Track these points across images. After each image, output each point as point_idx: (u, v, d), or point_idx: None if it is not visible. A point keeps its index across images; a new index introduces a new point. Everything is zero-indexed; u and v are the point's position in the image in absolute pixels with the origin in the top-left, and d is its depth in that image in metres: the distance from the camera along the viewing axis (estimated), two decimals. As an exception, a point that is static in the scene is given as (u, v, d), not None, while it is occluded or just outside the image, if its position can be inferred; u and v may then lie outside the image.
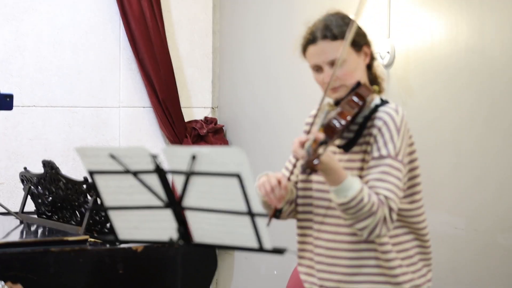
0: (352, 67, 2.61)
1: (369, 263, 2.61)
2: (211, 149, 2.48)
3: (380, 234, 2.50)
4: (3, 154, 4.76)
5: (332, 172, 2.47)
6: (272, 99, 5.08)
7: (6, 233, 3.51)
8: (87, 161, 2.66)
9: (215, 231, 2.59)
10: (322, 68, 2.62)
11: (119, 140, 5.26)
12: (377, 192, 2.50)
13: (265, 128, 5.13)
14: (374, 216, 2.48)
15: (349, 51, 2.60)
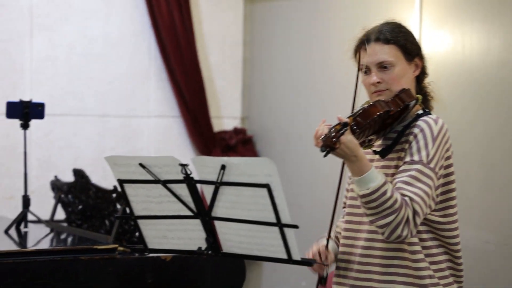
0: (400, 73, 2.61)
1: (399, 271, 2.59)
2: (241, 160, 2.48)
3: (401, 235, 2.48)
4: (35, 163, 4.80)
5: (354, 159, 2.46)
6: (302, 109, 5.07)
7: (37, 241, 3.53)
8: (117, 170, 2.68)
9: (244, 242, 2.59)
10: (370, 70, 2.63)
11: (148, 149, 5.28)
12: (402, 193, 2.49)
13: (295, 138, 5.13)
14: (397, 214, 2.45)
15: (399, 57, 2.62)
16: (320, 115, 4.82)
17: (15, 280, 2.95)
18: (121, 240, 3.34)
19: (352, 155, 2.46)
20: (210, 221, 2.61)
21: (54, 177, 3.91)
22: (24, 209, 3.62)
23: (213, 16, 5.49)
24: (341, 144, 2.43)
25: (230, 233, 2.59)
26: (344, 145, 2.43)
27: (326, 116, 2.60)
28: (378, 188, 2.45)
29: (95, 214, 3.56)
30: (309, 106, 5.00)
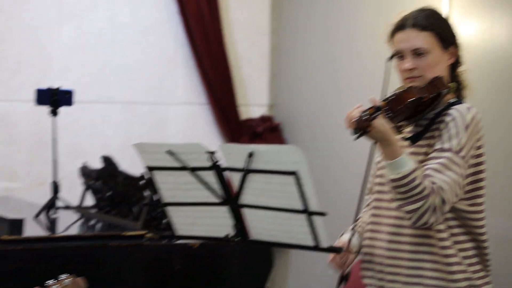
0: (434, 60, 2.61)
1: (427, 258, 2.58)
2: (268, 147, 2.48)
3: (428, 222, 2.47)
4: (63, 150, 4.83)
5: (386, 143, 2.46)
6: (330, 96, 5.06)
7: (66, 227, 3.56)
8: (145, 157, 2.69)
9: (272, 229, 2.59)
10: (405, 56, 2.62)
11: (176, 137, 5.30)
12: (432, 181, 2.48)
13: (323, 126, 5.12)
14: (425, 201, 2.45)
15: (435, 45, 2.61)
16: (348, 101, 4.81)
17: (44, 265, 2.98)
18: (149, 227, 3.36)
19: (384, 139, 2.46)
20: (237, 208, 2.62)
21: (82, 164, 3.94)
22: (54, 195, 3.66)
23: (240, 3, 5.49)
24: (374, 128, 2.43)
25: (257, 220, 2.60)
26: (377, 128, 2.44)
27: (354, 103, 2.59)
28: (408, 173, 2.45)
29: (123, 200, 3.58)
30: (337, 93, 4.98)
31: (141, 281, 3.17)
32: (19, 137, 4.96)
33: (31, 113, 4.82)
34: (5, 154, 4.91)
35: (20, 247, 2.95)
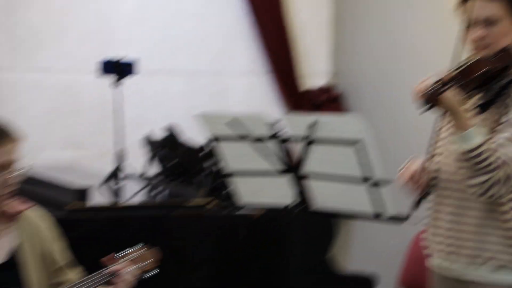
0: (504, 30, 2.56)
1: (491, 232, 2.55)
2: (331, 117, 2.47)
3: (493, 195, 2.44)
4: (127, 120, 4.88)
5: (456, 116, 2.44)
6: (393, 65, 5.00)
7: (130, 196, 3.61)
8: (208, 127, 2.71)
9: (334, 199, 2.59)
10: (475, 24, 2.58)
11: (238, 106, 5.30)
12: (500, 154, 2.45)
13: (385, 95, 5.07)
14: (492, 174, 2.43)
15: (506, 14, 2.55)
16: (411, 70, 4.75)
17: (110, 234, 3.03)
18: (212, 196, 3.38)
19: (454, 111, 2.43)
20: (300, 178, 2.62)
21: (146, 134, 3.98)
22: (118, 164, 3.71)
23: (302, -28, 5.44)
24: (443, 101, 2.40)
25: (320, 189, 2.59)
26: (446, 101, 2.41)
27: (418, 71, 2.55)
28: (477, 146, 2.42)
29: (187, 170, 3.61)
30: (400, 61, 4.92)
31: (204, 250, 3.20)
32: (84, 108, 5.03)
33: (95, 84, 4.88)
34: (71, 124, 4.98)
35: (86, 216, 3.00)
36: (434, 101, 2.40)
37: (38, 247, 2.46)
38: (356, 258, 5.25)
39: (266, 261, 3.25)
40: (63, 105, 4.99)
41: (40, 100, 4.93)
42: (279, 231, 3.26)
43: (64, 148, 4.95)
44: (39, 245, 2.46)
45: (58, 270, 2.49)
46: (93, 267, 2.54)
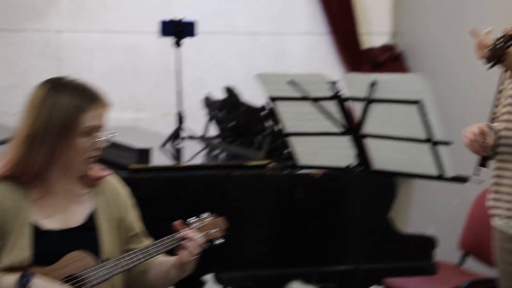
0: None
1: None
2: (391, 76, 2.45)
3: None
4: (187, 81, 4.90)
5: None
6: (455, 23, 4.91)
7: (191, 157, 3.64)
8: (267, 87, 2.71)
9: (395, 159, 2.57)
10: None
11: (297, 67, 5.28)
12: None
13: (447, 54, 4.99)
14: None
15: None
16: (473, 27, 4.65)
17: (171, 194, 3.07)
18: (271, 157, 3.39)
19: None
20: (360, 138, 2.61)
21: (206, 95, 3.99)
22: (179, 125, 3.74)
23: None
24: (510, 56, 2.35)
25: (380, 150, 2.58)
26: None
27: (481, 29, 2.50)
28: None
29: (246, 131, 3.62)
30: (462, 19, 4.83)
31: (263, 210, 3.22)
32: (144, 69, 5.07)
33: (155, 45, 4.91)
34: (132, 85, 5.03)
35: (148, 176, 3.04)
36: (499, 56, 2.35)
37: (116, 213, 2.50)
38: (416, 218, 5.23)
39: (326, 222, 3.25)
40: (125, 66, 5.03)
41: (102, 61, 4.98)
42: (339, 191, 3.25)
43: (125, 109, 5.01)
44: (117, 211, 2.51)
45: (134, 236, 2.53)
46: (155, 226, 2.57)
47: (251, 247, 3.16)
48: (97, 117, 2.40)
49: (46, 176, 2.40)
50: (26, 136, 2.36)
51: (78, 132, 2.37)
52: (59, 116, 2.36)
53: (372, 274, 3.29)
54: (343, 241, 3.25)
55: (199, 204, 3.08)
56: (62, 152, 2.37)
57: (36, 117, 2.37)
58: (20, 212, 2.37)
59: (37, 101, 2.39)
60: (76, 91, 2.40)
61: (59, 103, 2.37)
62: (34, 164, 2.36)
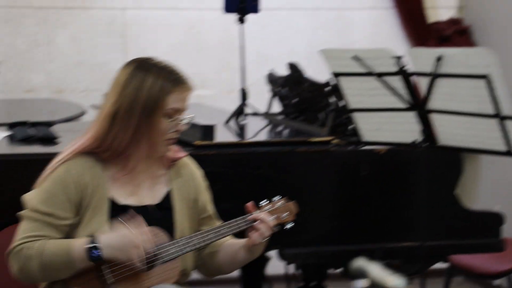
0: None
1: None
2: (458, 50, 2.41)
3: None
4: (251, 57, 4.91)
5: None
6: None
7: (255, 133, 3.65)
8: (331, 63, 2.69)
9: (461, 134, 2.54)
10: None
11: (361, 42, 5.24)
12: None
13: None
14: None
15: None
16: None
17: (235, 170, 3.08)
18: (335, 133, 3.38)
19: None
20: (425, 114, 2.58)
21: (269, 71, 3.99)
22: (242, 102, 3.74)
23: None
24: None
25: (446, 125, 2.55)
26: None
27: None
28: None
29: (310, 107, 3.61)
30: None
31: (328, 186, 3.22)
32: (208, 45, 5.09)
33: (220, 21, 4.92)
34: (196, 62, 5.06)
35: (213, 152, 3.06)
36: None
37: (191, 194, 2.53)
38: (483, 195, 5.16)
39: (390, 198, 3.23)
40: (189, 43, 5.06)
41: (166, 39, 5.02)
42: (404, 167, 3.22)
43: (190, 86, 5.05)
44: (192, 193, 2.54)
45: (206, 218, 2.56)
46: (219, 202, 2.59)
47: (315, 223, 3.16)
48: (181, 99, 2.43)
49: (127, 155, 2.44)
50: (109, 114, 2.40)
51: (161, 113, 2.40)
52: (144, 96, 2.39)
53: (437, 251, 3.26)
54: (408, 218, 3.23)
55: (263, 181, 3.09)
56: (144, 132, 2.40)
57: (121, 95, 2.40)
58: (99, 187, 2.42)
59: (122, 80, 2.42)
60: (162, 73, 2.42)
61: (145, 83, 2.40)
62: (115, 142, 2.40)
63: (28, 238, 2.36)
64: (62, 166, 2.41)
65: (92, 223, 2.39)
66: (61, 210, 2.38)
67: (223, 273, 2.58)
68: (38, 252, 2.33)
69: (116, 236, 2.34)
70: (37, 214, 2.38)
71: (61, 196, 2.38)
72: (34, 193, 2.42)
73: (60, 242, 2.35)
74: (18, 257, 2.35)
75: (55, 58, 4.90)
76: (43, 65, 4.89)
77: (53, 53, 4.90)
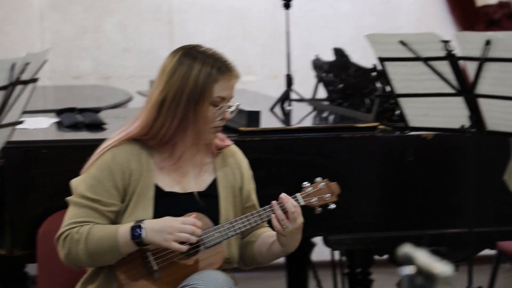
0: None
1: None
2: (507, 34, 2.37)
3: None
4: (296, 43, 4.90)
5: None
6: None
7: (300, 119, 3.64)
8: (377, 48, 2.67)
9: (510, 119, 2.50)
10: None
11: (408, 27, 5.19)
12: None
13: None
14: None
15: None
16: None
17: (281, 155, 3.08)
18: (381, 119, 3.35)
19: None
20: (473, 99, 2.55)
21: (315, 57, 3.97)
22: (288, 87, 3.74)
23: None
24: None
25: (495, 110, 2.51)
26: None
27: None
28: None
29: (355, 92, 3.59)
30: None
31: (373, 172, 3.20)
32: (254, 31, 5.09)
33: (265, 7, 4.91)
34: (241, 47, 5.06)
35: (258, 138, 3.06)
36: None
37: (236, 183, 2.54)
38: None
39: (437, 184, 3.20)
40: (234, 29, 5.07)
41: (212, 25, 5.03)
42: (451, 153, 3.19)
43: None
44: (237, 181, 2.54)
45: (250, 207, 2.56)
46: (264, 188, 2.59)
47: (360, 209, 3.15)
48: (227, 88, 2.43)
49: (173, 143, 2.45)
50: (156, 102, 2.41)
51: (208, 101, 2.40)
52: (191, 85, 2.39)
53: (485, 237, 3.23)
54: (455, 204, 3.20)
55: (308, 167, 3.08)
56: (191, 121, 2.41)
57: (167, 84, 2.41)
58: (145, 174, 2.43)
59: (169, 68, 2.43)
60: (209, 61, 2.42)
61: (192, 72, 2.40)
62: (162, 130, 2.41)
63: (74, 224, 2.39)
64: (108, 152, 2.43)
65: (138, 209, 2.41)
66: (107, 196, 2.40)
67: (258, 264, 2.57)
68: (84, 237, 2.36)
69: (159, 220, 2.36)
70: (84, 200, 2.40)
71: (107, 182, 2.41)
72: (81, 179, 2.45)
73: (106, 227, 2.38)
74: (65, 243, 2.39)
75: (102, 45, 4.95)
76: (91, 52, 4.94)
77: (100, 40, 4.95)
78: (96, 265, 2.43)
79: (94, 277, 2.46)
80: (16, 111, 2.45)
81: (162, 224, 2.35)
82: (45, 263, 2.46)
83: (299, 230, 2.44)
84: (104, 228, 2.38)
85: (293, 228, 2.41)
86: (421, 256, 1.38)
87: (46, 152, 2.90)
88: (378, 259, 3.59)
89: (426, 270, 1.36)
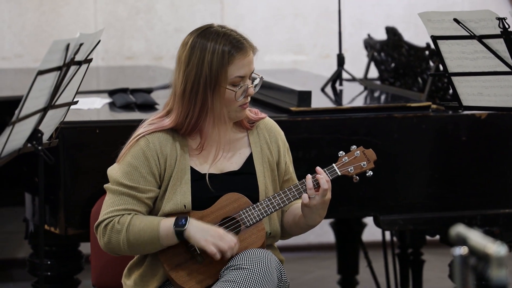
0: None
1: None
2: None
3: None
4: (348, 21, 4.87)
5: None
6: None
7: (351, 99, 3.62)
8: (430, 26, 2.63)
9: None
10: None
11: (462, 4, 5.11)
12: None
13: None
14: None
15: None
16: None
17: (332, 135, 3.07)
18: (434, 98, 3.32)
19: None
20: (529, 78, 2.50)
21: (367, 35, 3.94)
22: (339, 67, 3.71)
23: None
24: None
25: (551, 89, 2.47)
26: None
27: None
28: None
29: (408, 71, 3.55)
30: None
31: (426, 152, 3.17)
32: (305, 10, 5.06)
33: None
34: (293, 27, 5.04)
35: (309, 118, 3.06)
36: None
37: (272, 156, 2.53)
38: None
39: (490, 164, 3.16)
40: (285, 8, 5.05)
41: (264, 4, 5.02)
42: (506, 132, 3.15)
43: (286, 51, 5.04)
44: (274, 154, 2.54)
45: (289, 180, 2.56)
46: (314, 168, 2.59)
47: (412, 190, 3.12)
48: (243, 65, 2.41)
49: (202, 128, 2.45)
50: (180, 94, 2.42)
51: (226, 83, 2.40)
52: (206, 71, 2.39)
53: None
54: (509, 184, 3.15)
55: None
56: (214, 104, 2.41)
57: (185, 73, 2.41)
58: (180, 158, 2.45)
59: (184, 57, 2.43)
60: (221, 42, 2.40)
61: (205, 59, 2.39)
62: (190, 118, 2.42)
63: (114, 212, 2.41)
64: (142, 139, 2.44)
65: (176, 193, 2.42)
66: (144, 183, 2.42)
67: (288, 235, 2.58)
68: (125, 228, 2.38)
69: (206, 223, 2.39)
70: (122, 188, 2.42)
71: (143, 169, 2.42)
72: (117, 167, 2.46)
73: (148, 218, 2.41)
74: (105, 232, 2.41)
75: (154, 25, 4.97)
76: (143, 32, 4.97)
77: (153, 20, 4.97)
78: (136, 254, 2.47)
79: (139, 264, 2.49)
80: (71, 91, 2.48)
81: (208, 227, 2.37)
82: (97, 242, 2.49)
83: (325, 205, 2.44)
84: (145, 219, 2.40)
85: (319, 202, 2.41)
86: (474, 236, 1.37)
87: (99, 132, 2.94)
88: (430, 239, 3.56)
89: (479, 250, 1.35)
